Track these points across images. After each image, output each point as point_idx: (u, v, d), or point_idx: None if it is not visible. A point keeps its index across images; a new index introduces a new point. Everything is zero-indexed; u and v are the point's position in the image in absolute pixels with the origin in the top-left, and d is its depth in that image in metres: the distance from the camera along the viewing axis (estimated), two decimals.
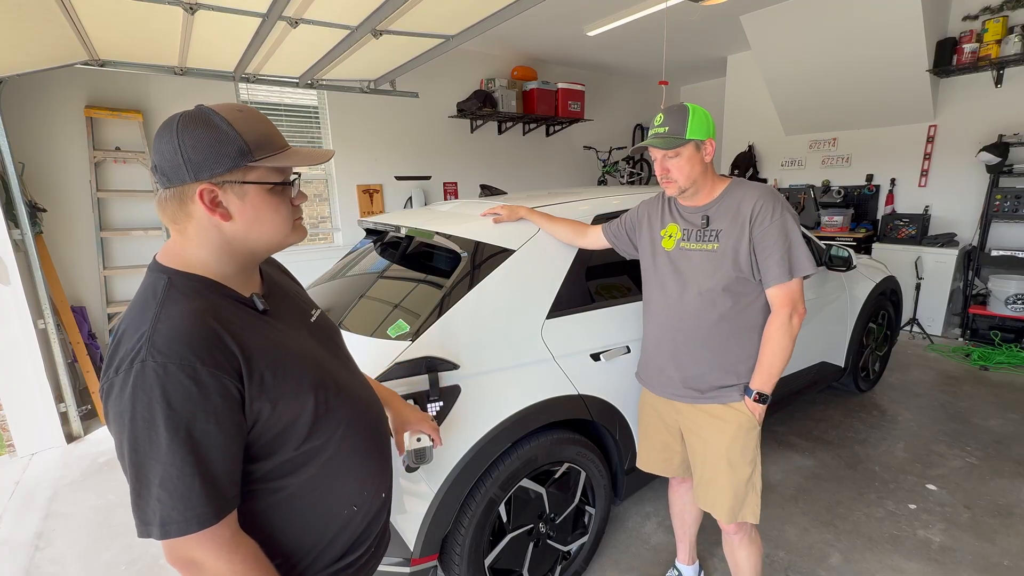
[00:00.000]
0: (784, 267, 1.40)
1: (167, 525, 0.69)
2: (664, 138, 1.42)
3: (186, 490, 0.69)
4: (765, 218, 1.40)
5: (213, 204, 0.76)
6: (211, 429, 0.71)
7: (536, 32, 4.97)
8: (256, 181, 0.78)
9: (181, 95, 4.02)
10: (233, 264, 0.82)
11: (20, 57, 2.73)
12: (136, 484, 0.70)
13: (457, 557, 1.60)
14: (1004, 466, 2.65)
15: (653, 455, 1.74)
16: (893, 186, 5.10)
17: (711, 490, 1.56)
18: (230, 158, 0.75)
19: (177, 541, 0.70)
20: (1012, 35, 4.01)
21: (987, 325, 4.38)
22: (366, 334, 1.67)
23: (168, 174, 0.75)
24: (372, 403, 1.01)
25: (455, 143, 5.74)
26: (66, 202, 3.68)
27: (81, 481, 2.74)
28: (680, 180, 1.44)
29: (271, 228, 0.82)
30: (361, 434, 0.93)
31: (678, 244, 1.53)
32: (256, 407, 0.76)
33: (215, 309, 0.77)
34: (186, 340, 0.71)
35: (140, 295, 0.78)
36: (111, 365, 0.72)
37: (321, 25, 2.55)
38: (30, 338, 2.95)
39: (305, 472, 0.84)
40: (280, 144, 0.81)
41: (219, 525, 0.72)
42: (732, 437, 1.50)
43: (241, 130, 0.76)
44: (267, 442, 0.79)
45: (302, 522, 0.85)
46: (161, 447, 0.68)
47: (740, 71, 6.08)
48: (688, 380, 1.54)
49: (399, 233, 2.05)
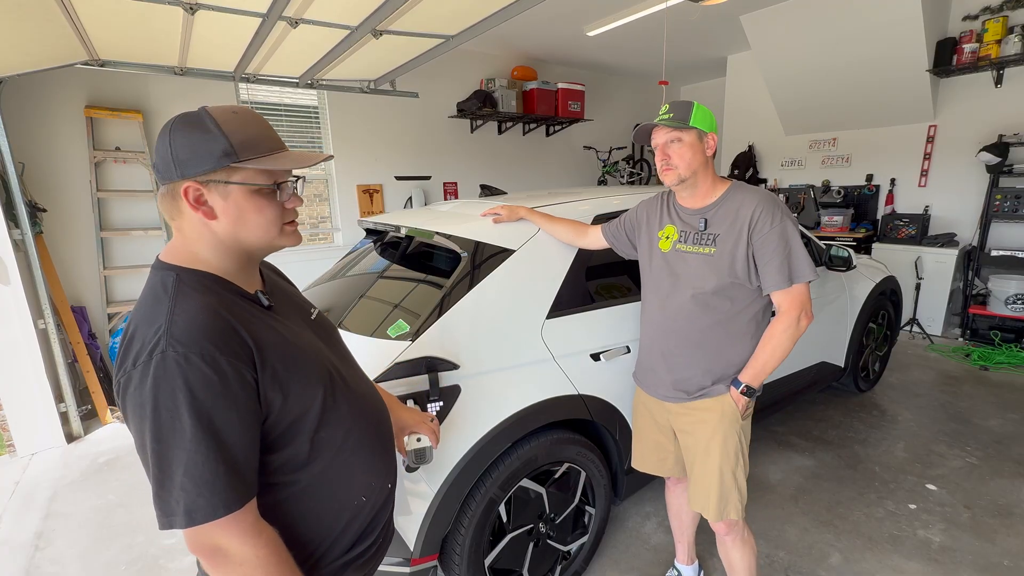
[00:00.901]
0: (784, 273, 1.40)
1: (193, 512, 0.69)
2: (671, 120, 1.42)
3: (211, 476, 0.70)
4: (765, 225, 1.39)
5: (198, 202, 0.79)
6: (232, 416, 0.72)
7: (536, 32, 4.97)
8: (240, 182, 0.79)
9: (181, 95, 4.02)
10: (233, 261, 0.84)
11: (20, 57, 2.73)
12: (159, 474, 0.70)
13: (457, 557, 1.60)
14: (1004, 466, 2.65)
15: (648, 455, 1.75)
16: (893, 186, 5.10)
17: (699, 488, 1.58)
18: (214, 157, 0.77)
19: (201, 529, 0.71)
20: (1012, 35, 4.01)
21: (987, 325, 4.38)
22: (366, 334, 1.67)
23: (162, 171, 0.79)
24: (375, 397, 1.03)
25: (455, 143, 5.74)
26: (66, 202, 3.68)
27: (81, 481, 2.74)
28: (680, 167, 1.43)
29: (255, 229, 0.82)
30: (366, 427, 0.95)
31: (674, 246, 1.53)
32: (269, 397, 0.78)
33: (225, 303, 0.79)
34: (204, 331, 0.72)
35: (149, 291, 0.79)
36: (127, 359, 0.73)
37: (321, 25, 2.55)
38: (30, 338, 2.95)
39: (316, 464, 0.86)
40: (271, 147, 0.82)
41: (243, 511, 0.73)
42: (714, 427, 1.51)
43: (228, 131, 0.77)
44: (280, 434, 0.81)
45: (315, 514, 0.87)
46: (185, 434, 0.69)
47: (740, 71, 6.08)
48: (678, 382, 1.55)
49: (399, 233, 2.05)
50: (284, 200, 0.85)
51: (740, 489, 1.54)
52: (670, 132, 1.43)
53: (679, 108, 1.43)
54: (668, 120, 1.42)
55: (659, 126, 1.45)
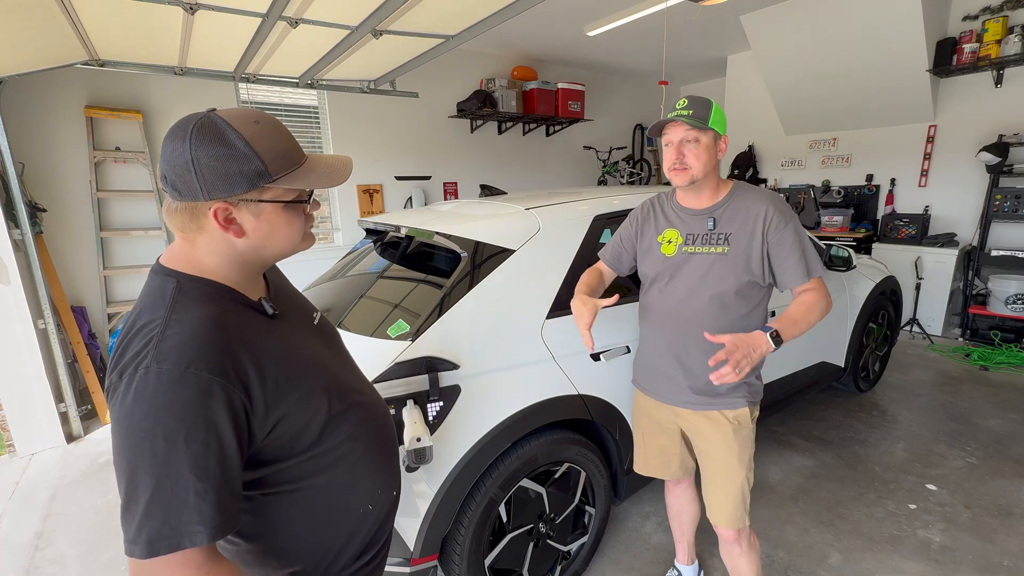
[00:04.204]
0: (802, 269, 1.41)
1: (155, 543, 0.64)
2: (691, 117, 1.36)
3: (179, 505, 0.65)
4: (780, 224, 1.40)
5: (228, 222, 0.75)
6: (211, 441, 0.67)
7: (536, 32, 4.97)
8: (272, 200, 0.77)
9: (181, 95, 4.02)
10: (243, 272, 0.82)
11: (20, 57, 2.73)
12: (126, 496, 0.65)
13: (457, 557, 1.60)
14: (1004, 466, 2.65)
15: (651, 460, 1.73)
16: (893, 186, 5.10)
17: (718, 499, 1.55)
18: (247, 179, 0.72)
19: (146, 564, 0.65)
20: (1012, 35, 4.01)
21: (987, 325, 4.38)
22: (366, 334, 1.67)
23: (180, 188, 0.72)
24: (378, 403, 1.01)
25: (455, 143, 5.74)
26: (66, 202, 3.68)
27: (81, 481, 2.74)
28: (695, 168, 1.39)
29: (284, 240, 0.81)
30: (371, 433, 0.93)
31: (680, 249, 1.50)
32: (274, 412, 0.75)
33: (226, 315, 0.75)
34: (194, 348, 0.68)
35: (147, 298, 0.75)
36: (115, 368, 0.70)
37: (321, 25, 2.55)
38: (30, 338, 2.95)
39: (323, 475, 0.84)
40: (297, 158, 0.77)
41: (203, 548, 0.66)
42: (732, 439, 1.50)
43: (259, 149, 0.72)
44: (284, 444, 0.78)
45: (322, 523, 0.85)
46: (158, 459, 0.64)
47: (740, 71, 6.07)
48: (699, 387, 1.51)
49: (399, 233, 2.05)
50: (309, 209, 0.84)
51: (747, 495, 1.54)
52: (689, 131, 1.38)
53: (699, 105, 1.38)
54: (688, 118, 1.36)
55: (677, 122, 1.39)
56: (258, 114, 0.77)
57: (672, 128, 1.41)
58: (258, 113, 0.77)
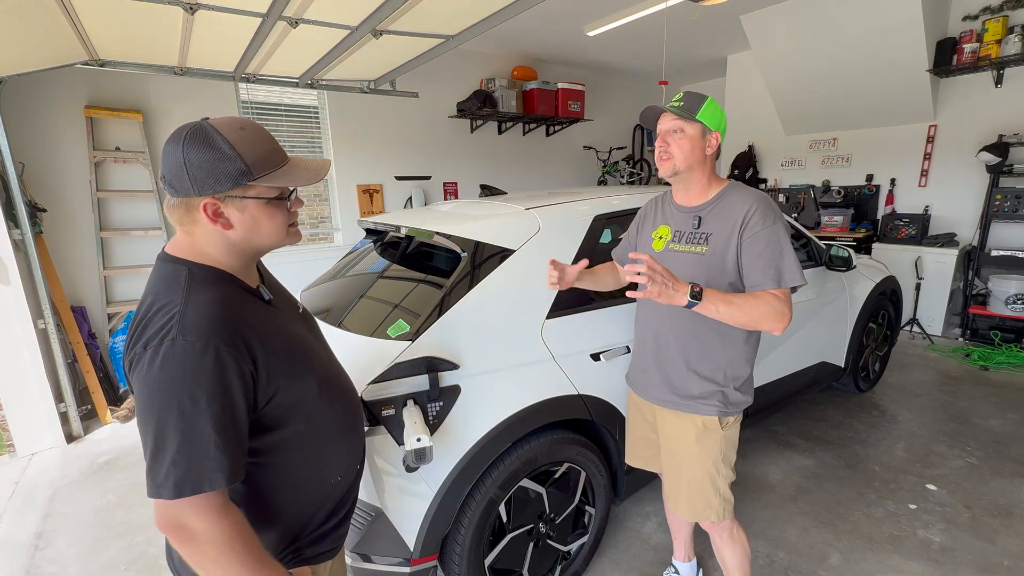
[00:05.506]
0: (769, 274, 1.34)
1: (181, 485, 0.76)
2: (679, 108, 1.41)
3: (201, 456, 0.76)
4: (756, 224, 1.36)
5: (216, 215, 0.86)
6: (227, 403, 0.79)
7: (536, 32, 4.97)
8: (255, 196, 0.87)
9: (181, 95, 4.02)
10: (240, 260, 0.92)
11: (20, 57, 2.73)
12: (155, 449, 0.76)
13: (457, 557, 1.60)
14: (1004, 466, 2.65)
15: (638, 450, 1.77)
16: (893, 186, 5.10)
17: (672, 490, 1.61)
18: (232, 178, 0.83)
19: (174, 504, 0.76)
20: (1012, 35, 4.01)
21: (987, 325, 4.38)
22: (366, 334, 1.67)
23: (175, 186, 0.84)
24: (351, 386, 1.14)
25: (455, 143, 5.74)
26: (66, 202, 3.68)
27: (81, 481, 2.74)
28: (677, 158, 1.41)
29: (268, 233, 0.91)
30: (344, 412, 1.05)
31: (667, 246, 1.52)
32: (273, 383, 0.87)
33: (232, 298, 0.87)
34: (212, 324, 0.80)
35: (162, 282, 0.85)
36: (139, 341, 0.80)
37: (321, 25, 2.55)
38: (30, 338, 2.95)
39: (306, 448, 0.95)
40: (279, 160, 0.89)
41: (218, 493, 0.78)
42: (692, 442, 1.51)
43: (242, 151, 0.84)
44: (276, 417, 0.89)
45: (302, 491, 0.97)
46: (184, 416, 0.76)
47: (740, 71, 6.07)
48: (669, 383, 1.53)
49: (399, 233, 2.05)
50: (290, 206, 0.94)
51: (721, 494, 1.53)
52: (675, 120, 1.41)
53: (691, 99, 1.41)
54: (676, 108, 1.41)
55: (667, 112, 1.43)
56: (244, 121, 0.88)
57: (663, 118, 1.46)
58: (244, 121, 0.89)
